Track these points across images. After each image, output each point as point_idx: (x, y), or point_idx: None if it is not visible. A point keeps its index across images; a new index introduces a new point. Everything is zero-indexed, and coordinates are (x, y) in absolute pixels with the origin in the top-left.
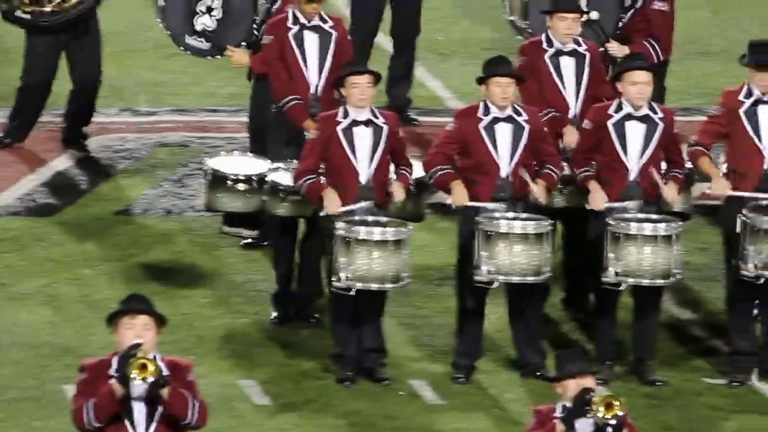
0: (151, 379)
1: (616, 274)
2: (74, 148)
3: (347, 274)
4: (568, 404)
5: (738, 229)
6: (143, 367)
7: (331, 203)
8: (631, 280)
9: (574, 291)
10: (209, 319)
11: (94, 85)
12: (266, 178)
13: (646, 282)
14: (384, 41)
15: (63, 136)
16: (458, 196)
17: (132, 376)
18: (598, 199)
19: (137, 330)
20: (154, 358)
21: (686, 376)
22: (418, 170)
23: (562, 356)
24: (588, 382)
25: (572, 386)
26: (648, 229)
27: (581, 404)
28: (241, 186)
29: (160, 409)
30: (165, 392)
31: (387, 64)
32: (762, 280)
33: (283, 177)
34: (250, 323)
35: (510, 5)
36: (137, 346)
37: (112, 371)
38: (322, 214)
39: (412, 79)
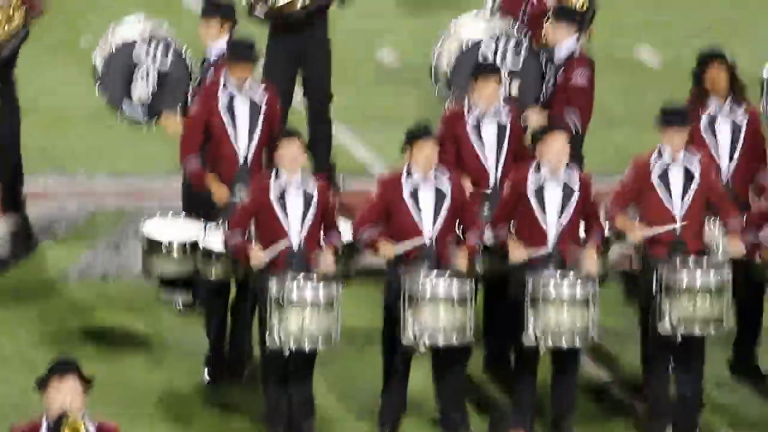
0: None
1: (536, 336)
2: (11, 213)
3: (280, 334)
4: None
5: (653, 287)
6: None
7: (257, 256)
8: (549, 342)
9: (495, 352)
10: (145, 379)
11: (8, 142)
12: (199, 244)
13: (564, 343)
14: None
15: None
16: (388, 250)
17: None
18: (518, 252)
19: (66, 393)
20: (84, 421)
21: None
22: (346, 232)
23: (494, 416)
24: None
25: None
26: (566, 293)
27: None
28: (175, 253)
29: None
30: None
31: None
32: (678, 338)
33: (215, 241)
34: (185, 383)
35: (436, 75)
36: (65, 414)
37: None
38: (252, 263)
39: (330, 145)
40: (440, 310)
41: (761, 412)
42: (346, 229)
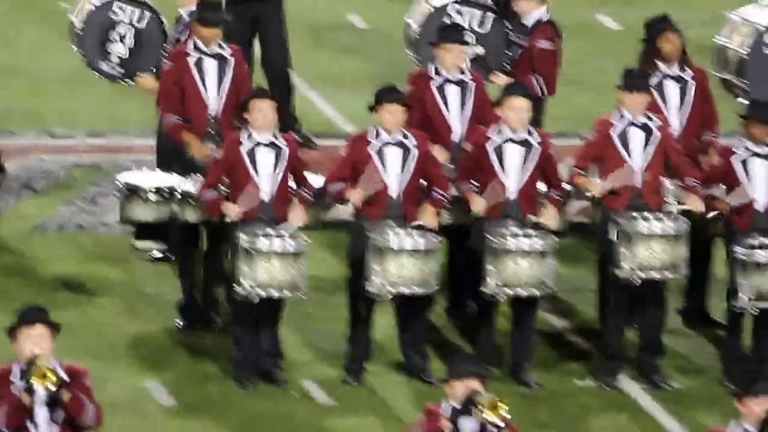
0: (53, 388)
1: (496, 285)
2: None
3: (249, 282)
4: (456, 404)
5: (612, 236)
6: (44, 376)
7: (230, 209)
8: (509, 291)
9: (457, 300)
10: (120, 326)
11: None
12: (176, 189)
13: (522, 293)
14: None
15: None
16: (356, 198)
17: (34, 384)
18: (478, 203)
19: (34, 339)
20: (53, 366)
21: (559, 379)
22: (315, 182)
23: (453, 359)
24: (475, 384)
25: (460, 388)
26: (525, 244)
27: (468, 405)
28: (153, 197)
29: (60, 412)
30: (66, 397)
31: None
32: (636, 282)
33: (193, 186)
34: (158, 330)
35: (407, 39)
36: (35, 358)
37: (13, 378)
38: (227, 220)
39: (293, 108)
40: (405, 262)
41: (712, 357)
42: (314, 180)
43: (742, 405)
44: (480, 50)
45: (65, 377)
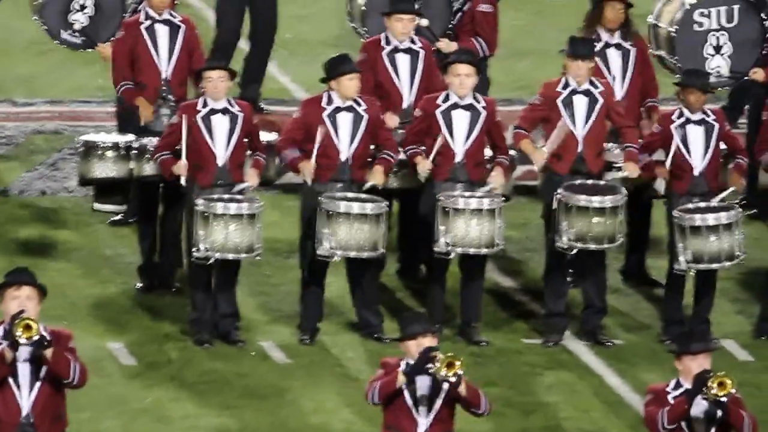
0: (36, 337)
1: (446, 244)
2: None
3: (206, 245)
4: (411, 361)
5: (554, 206)
6: (27, 327)
7: (180, 168)
8: (459, 250)
9: (408, 262)
10: (81, 288)
11: None
12: (133, 144)
13: (472, 251)
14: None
15: None
16: (308, 172)
17: (17, 335)
18: (425, 164)
19: (21, 300)
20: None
21: (507, 337)
22: (269, 137)
23: (405, 318)
24: (429, 341)
25: (413, 347)
26: (474, 203)
27: (424, 361)
28: (110, 153)
29: (43, 369)
30: (48, 353)
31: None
32: (574, 251)
33: (150, 141)
34: (118, 292)
35: (351, 12)
36: (21, 312)
37: None
38: (184, 184)
39: (263, 77)
40: (354, 226)
41: (651, 314)
42: (268, 137)
43: (679, 363)
44: (424, 22)
45: (48, 338)
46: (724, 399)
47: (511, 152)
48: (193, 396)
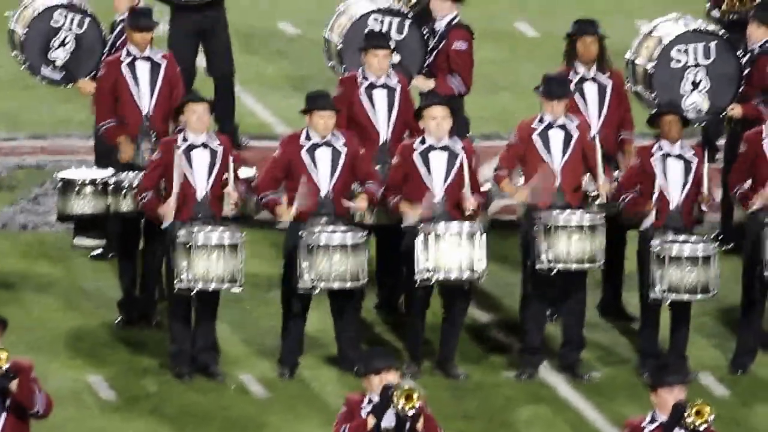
0: (4, 366)
1: (427, 270)
2: None
3: (188, 276)
4: (375, 396)
5: (532, 229)
6: None
7: (164, 211)
8: (441, 275)
9: (386, 297)
10: (61, 321)
11: None
12: (110, 180)
13: (454, 275)
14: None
15: None
16: (284, 214)
17: None
18: (411, 217)
19: None
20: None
21: (485, 371)
22: (248, 174)
23: (368, 353)
24: (391, 377)
25: (376, 381)
26: (454, 228)
27: (386, 398)
28: (87, 189)
29: (8, 401)
30: (14, 385)
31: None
32: (554, 271)
33: (127, 177)
34: (98, 325)
35: (328, 51)
36: None
37: None
38: (163, 227)
39: (233, 112)
40: (334, 258)
41: (629, 348)
42: (248, 172)
43: (655, 395)
44: (397, 58)
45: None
46: (702, 429)
47: (488, 185)
48: (173, 429)
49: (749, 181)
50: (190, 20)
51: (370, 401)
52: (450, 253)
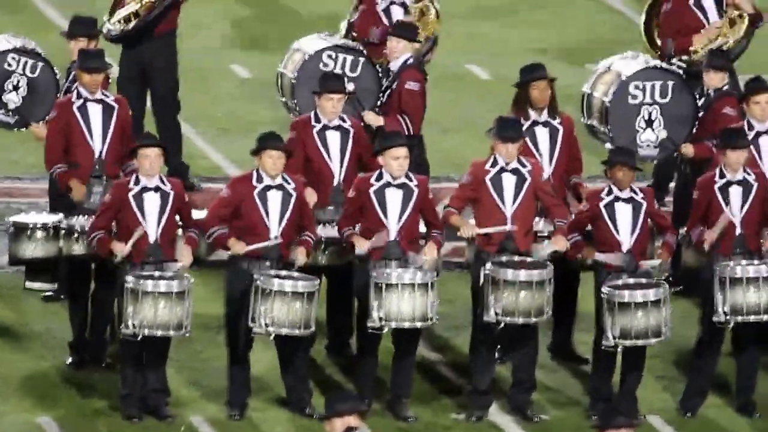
0: None
1: (380, 318)
2: None
3: (135, 322)
4: None
5: (481, 280)
6: None
7: (118, 247)
8: (393, 324)
9: (336, 338)
10: (12, 363)
11: None
12: (61, 225)
13: (406, 324)
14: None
15: None
16: (237, 248)
17: None
18: (362, 244)
19: None
20: None
21: (435, 412)
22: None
23: (331, 396)
24: (353, 421)
25: (338, 425)
26: (407, 278)
27: None
28: (39, 233)
29: None
30: None
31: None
32: (501, 325)
33: (78, 221)
34: (50, 367)
35: (281, 86)
36: None
37: None
38: (116, 261)
39: (180, 150)
40: (287, 303)
41: (579, 390)
42: (199, 215)
43: None
44: (351, 88)
45: None
46: None
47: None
48: None
49: (704, 227)
50: (136, 63)
51: None
52: (403, 304)
